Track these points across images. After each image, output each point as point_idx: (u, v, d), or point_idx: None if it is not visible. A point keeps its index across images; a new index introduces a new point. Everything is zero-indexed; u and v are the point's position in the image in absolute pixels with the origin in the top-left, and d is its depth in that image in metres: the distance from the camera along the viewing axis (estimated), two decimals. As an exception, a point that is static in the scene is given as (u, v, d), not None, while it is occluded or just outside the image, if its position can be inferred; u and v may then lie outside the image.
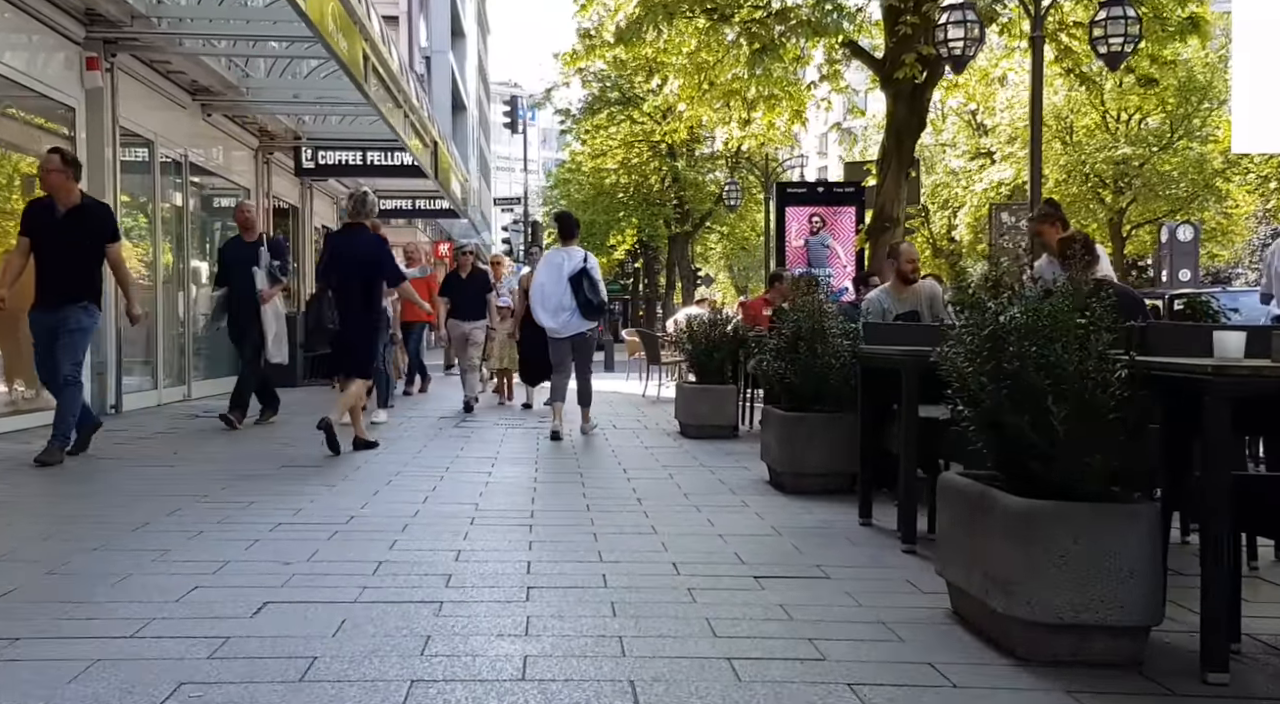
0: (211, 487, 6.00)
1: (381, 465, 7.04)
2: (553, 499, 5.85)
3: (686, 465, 7.32)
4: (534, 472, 6.90)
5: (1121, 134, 34.43)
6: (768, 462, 6.51)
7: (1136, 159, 33.40)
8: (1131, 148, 33.23)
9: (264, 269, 9.10)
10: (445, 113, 38.39)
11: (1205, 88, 34.55)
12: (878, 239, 14.59)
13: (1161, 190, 34.25)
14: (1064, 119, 35.82)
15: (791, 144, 28.53)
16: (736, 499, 5.89)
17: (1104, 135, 34.77)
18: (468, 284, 11.86)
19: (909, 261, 6.87)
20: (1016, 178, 34.56)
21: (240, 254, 9.29)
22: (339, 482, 6.32)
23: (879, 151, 15.34)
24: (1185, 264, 25.22)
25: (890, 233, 14.65)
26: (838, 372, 6.00)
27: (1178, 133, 34.57)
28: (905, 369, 4.49)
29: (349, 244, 7.72)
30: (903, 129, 14.52)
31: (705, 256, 49.09)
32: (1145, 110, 35.04)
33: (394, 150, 15.91)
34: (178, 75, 11.78)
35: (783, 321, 6.39)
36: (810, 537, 4.83)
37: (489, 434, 9.18)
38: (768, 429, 6.42)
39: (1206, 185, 34.30)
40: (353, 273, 7.55)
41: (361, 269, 7.55)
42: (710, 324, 9.27)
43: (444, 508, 5.48)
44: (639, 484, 6.39)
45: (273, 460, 7.21)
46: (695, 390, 9.26)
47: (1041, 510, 2.99)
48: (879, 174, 14.96)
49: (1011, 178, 34.49)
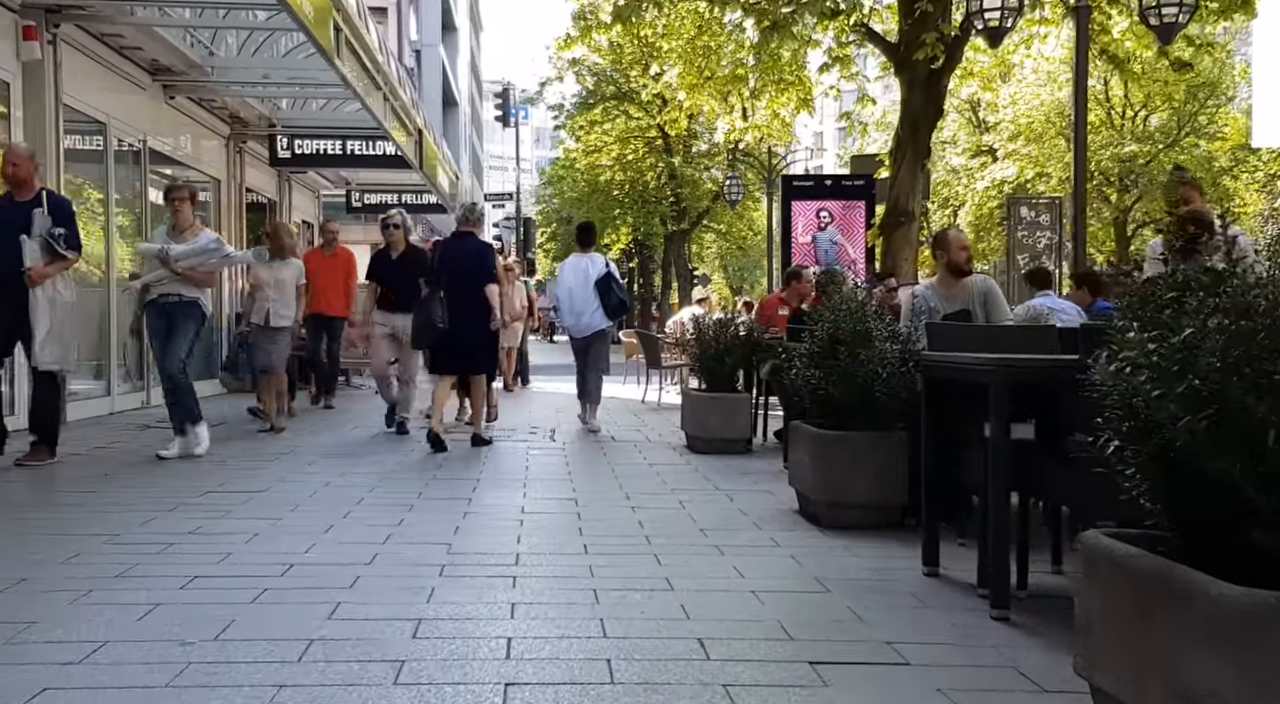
0: (129, 523, 4.97)
1: (342, 492, 6.02)
2: (543, 537, 4.84)
3: (699, 489, 6.31)
4: (521, 499, 5.89)
5: (1128, 131, 33.64)
6: (797, 487, 5.50)
7: (1143, 156, 32.61)
8: (1138, 145, 32.42)
9: (38, 237, 6.68)
10: (436, 108, 37.36)
11: (1213, 84, 33.80)
12: (891, 235, 13.70)
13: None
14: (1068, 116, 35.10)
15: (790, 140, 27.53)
16: (764, 536, 4.89)
17: (1109, 132, 34.02)
18: (399, 267, 8.77)
19: (961, 249, 5.85)
20: (1019, 175, 33.88)
21: (4, 218, 6.71)
22: (286, 513, 5.29)
23: (892, 141, 14.40)
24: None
25: (905, 228, 13.75)
26: (885, 382, 5.00)
27: (1184, 130, 33.77)
28: (995, 382, 3.49)
29: (460, 249, 8.34)
30: (918, 117, 13.61)
31: (701, 256, 48.08)
32: (1151, 107, 34.29)
33: (375, 139, 14.88)
34: (134, 52, 10.74)
35: (816, 321, 5.38)
36: (868, 594, 3.82)
37: (471, 450, 8.16)
38: (798, 449, 5.41)
39: (1213, 184, 33.57)
40: (462, 276, 8.07)
41: (470, 273, 8.10)
42: (720, 325, 8.26)
43: (408, 550, 4.46)
44: (646, 515, 5.38)
45: (218, 482, 6.19)
46: (704, 400, 8.25)
47: (1273, 607, 1.99)
48: (892, 165, 14.01)
49: (1014, 176, 33.80)
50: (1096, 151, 32.74)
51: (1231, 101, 35.33)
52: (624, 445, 8.54)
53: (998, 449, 3.50)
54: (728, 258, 52.82)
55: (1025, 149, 34.13)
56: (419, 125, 14.80)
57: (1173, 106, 33.74)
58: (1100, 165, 32.71)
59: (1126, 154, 32.27)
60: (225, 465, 6.97)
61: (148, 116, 11.48)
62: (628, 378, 15.70)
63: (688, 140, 36.40)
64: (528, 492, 6.13)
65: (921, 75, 13.29)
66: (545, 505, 5.70)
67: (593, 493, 6.10)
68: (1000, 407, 3.49)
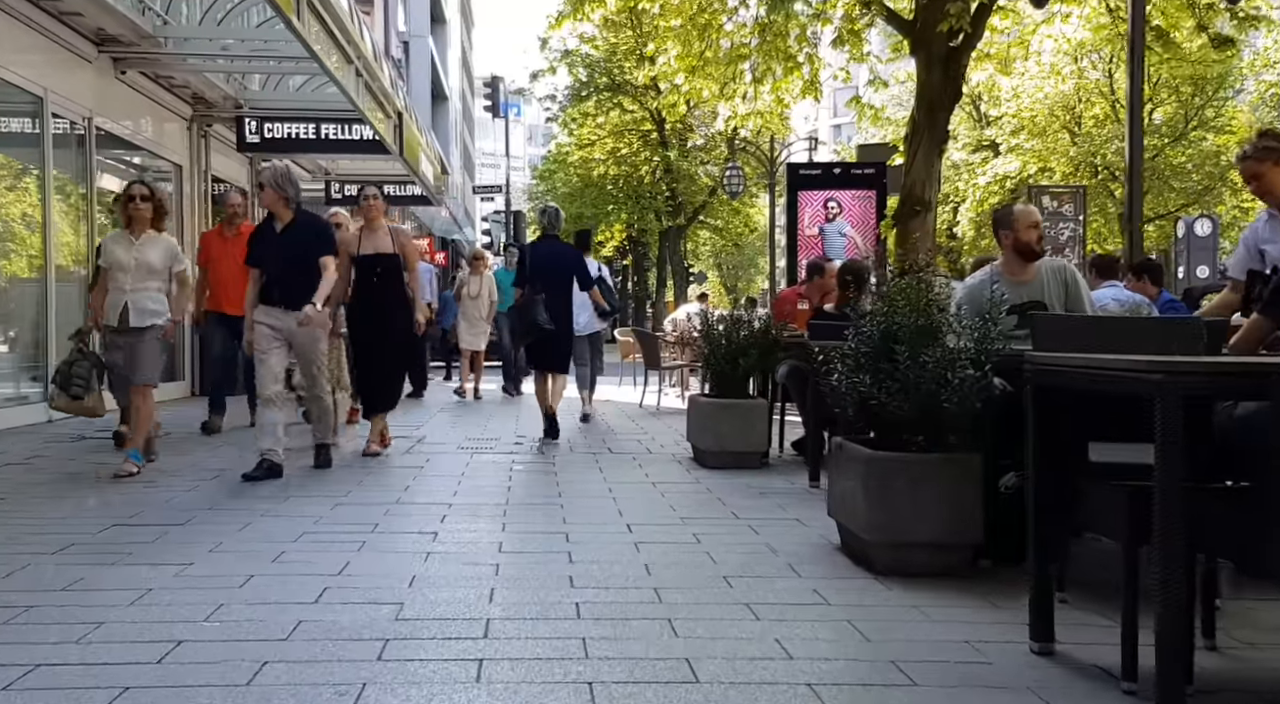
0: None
1: (281, 523, 4.94)
2: (523, 591, 3.77)
3: (714, 517, 5.25)
4: (499, 532, 4.82)
5: (1135, 124, 32.70)
6: (841, 520, 4.44)
7: (1149, 151, 31.83)
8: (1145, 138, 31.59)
9: None
10: (425, 102, 36.25)
11: (1221, 77, 33.05)
12: (907, 225, 12.70)
13: (1174, 183, 32.81)
14: (1072, 109, 34.34)
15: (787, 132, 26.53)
16: (804, 587, 3.83)
17: (1114, 125, 33.23)
18: (283, 243, 6.39)
19: (1031, 226, 4.79)
20: (1022, 170, 33.13)
21: None
22: (202, 555, 4.21)
23: (907, 126, 13.39)
24: (1203, 260, 24.01)
25: (921, 217, 12.77)
26: (957, 391, 3.94)
27: (1191, 124, 33.00)
28: (1163, 395, 2.43)
29: (550, 252, 8.75)
30: (935, 99, 12.62)
31: (696, 253, 47.02)
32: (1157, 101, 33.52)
33: (351, 122, 13.77)
34: (74, 18, 9.62)
35: (865, 317, 4.31)
36: (970, 692, 2.76)
37: (447, 463, 7.09)
38: (844, 473, 4.35)
39: (1221, 178, 32.81)
40: (553, 279, 8.44)
41: (562, 275, 8.56)
42: (734, 322, 7.19)
43: (345, 615, 3.39)
44: (653, 554, 4.32)
45: (131, 513, 5.11)
46: (714, 407, 7.17)
47: None
48: (907, 151, 13.00)
49: (1017, 171, 33.05)
50: (1101, 146, 32.00)
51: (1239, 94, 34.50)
52: (622, 458, 7.48)
53: (1169, 488, 2.45)
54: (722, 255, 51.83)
55: (1029, 143, 33.36)
56: (399, 108, 13.73)
57: (1179, 99, 32.94)
58: (1105, 159, 31.91)
59: (1133, 148, 31.30)
60: (155, 485, 5.89)
61: (94, 92, 10.37)
62: (623, 379, 14.64)
63: (683, 133, 35.41)
64: (508, 521, 5.06)
65: (940, 53, 12.37)
66: (528, 541, 4.63)
67: (587, 523, 5.03)
68: (1170, 428, 2.43)
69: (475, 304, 13.03)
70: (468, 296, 13.13)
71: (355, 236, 7.45)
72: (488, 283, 13.13)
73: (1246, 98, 34.32)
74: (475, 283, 13.17)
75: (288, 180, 6.42)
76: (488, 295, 12.99)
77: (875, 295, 4.39)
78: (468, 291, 13.18)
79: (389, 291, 7.34)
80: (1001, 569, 4.05)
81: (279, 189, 6.36)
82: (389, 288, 7.34)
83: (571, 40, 34.99)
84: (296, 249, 6.35)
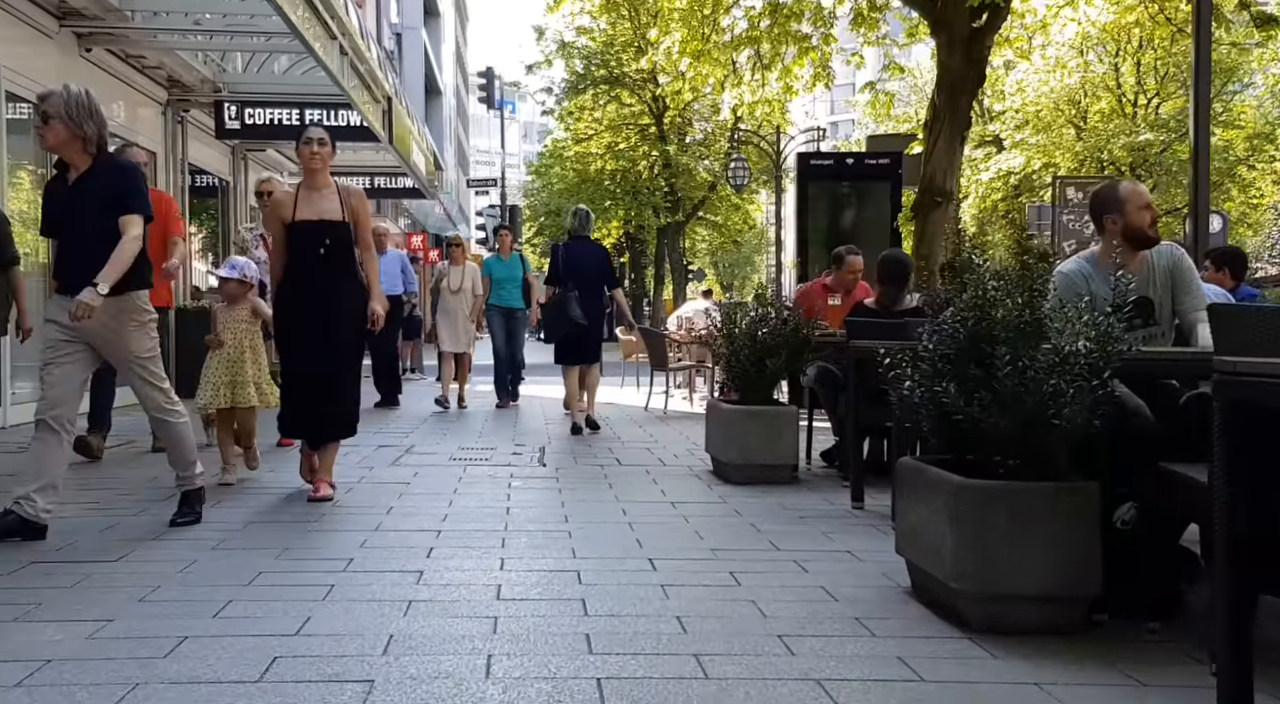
0: None
1: (229, 563, 4.13)
2: (528, 659, 2.95)
3: (751, 549, 4.44)
4: (497, 571, 4.01)
5: (1141, 118, 32.21)
6: (914, 560, 3.64)
7: (1156, 145, 31.19)
8: (1153, 133, 30.99)
9: None
10: (418, 95, 35.42)
11: (1231, 70, 32.41)
12: (927, 217, 11.96)
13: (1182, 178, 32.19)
14: (1078, 103, 33.74)
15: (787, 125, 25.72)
16: (885, 653, 3.02)
17: (1121, 120, 32.62)
18: (74, 201, 4.51)
19: (1144, 208, 3.98)
20: (1026, 166, 32.54)
21: None
22: (126, 607, 3.39)
23: (927, 112, 12.65)
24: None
25: (941, 209, 12.03)
26: (1074, 404, 3.14)
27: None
28: None
29: (582, 252, 9.21)
30: (957, 82, 11.89)
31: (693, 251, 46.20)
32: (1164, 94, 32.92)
33: (337, 107, 13.00)
34: (29, -13, 8.82)
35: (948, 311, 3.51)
36: None
37: (436, 478, 6.29)
38: (917, 503, 3.55)
39: (1229, 173, 32.20)
40: (585, 278, 8.96)
41: (593, 274, 9.09)
42: (759, 319, 6.39)
43: (300, 697, 2.59)
44: (687, 601, 3.52)
45: (56, 546, 4.29)
46: (740, 415, 6.34)
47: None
48: (927, 139, 12.26)
49: (1021, 166, 32.45)
50: (1108, 140, 31.37)
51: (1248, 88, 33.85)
52: (634, 471, 6.68)
53: None
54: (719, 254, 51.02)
55: (1033, 139, 32.75)
56: (387, 92, 12.92)
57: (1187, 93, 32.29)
58: (1112, 154, 31.26)
59: (1141, 142, 30.75)
60: (99, 507, 5.07)
61: (55, 71, 9.51)
62: (626, 380, 13.85)
63: (682, 127, 34.60)
64: (507, 555, 4.26)
65: (962, 34, 11.66)
66: (533, 585, 3.82)
67: (601, 557, 4.22)
68: None
69: (457, 300, 11.10)
70: (448, 291, 11.18)
71: (289, 197, 5.54)
72: (471, 274, 11.24)
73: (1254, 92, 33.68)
74: (456, 275, 11.20)
75: (85, 111, 4.38)
76: (471, 289, 11.11)
77: (956, 286, 3.58)
78: (448, 285, 11.19)
79: (338, 273, 5.43)
80: (1121, 624, 3.27)
81: (72, 123, 4.36)
82: (338, 268, 5.43)
83: (569, 33, 34.25)
84: (92, 207, 4.41)
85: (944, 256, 12.09)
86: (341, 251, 5.46)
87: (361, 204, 5.62)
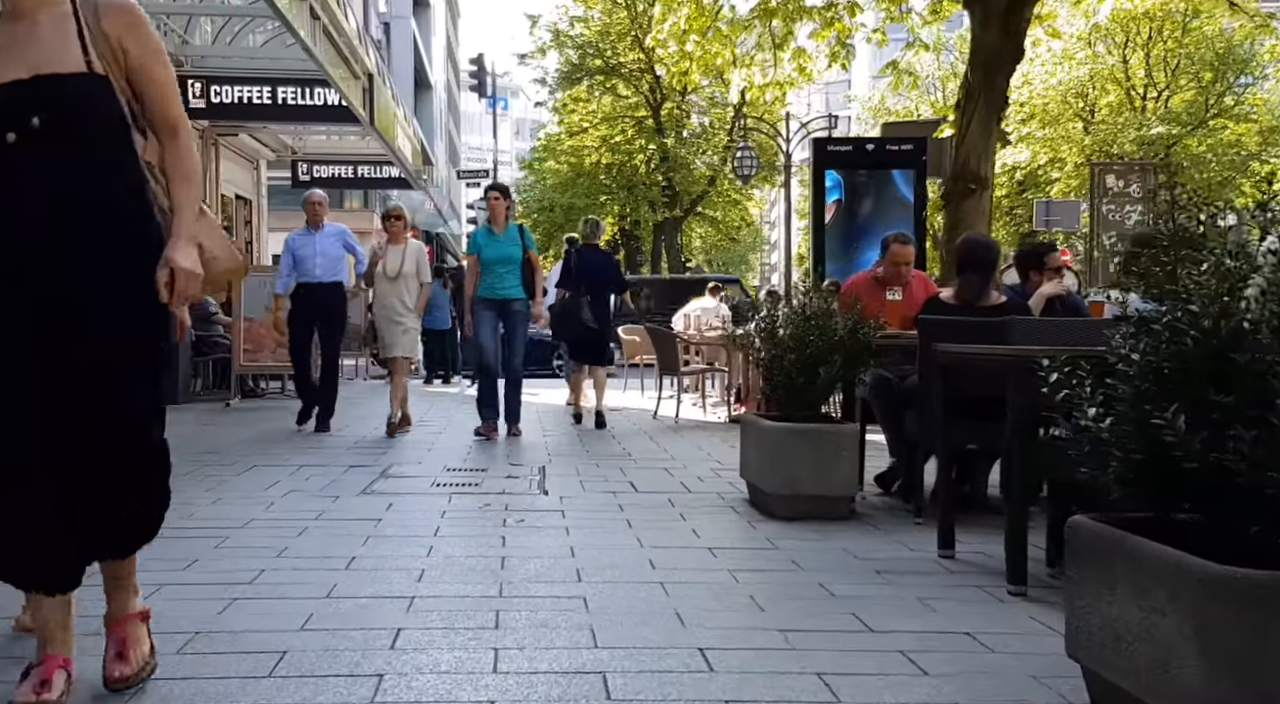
0: None
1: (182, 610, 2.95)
2: None
3: (837, 632, 3.25)
4: (490, 664, 2.83)
5: (1151, 111, 31.36)
6: (1104, 673, 2.47)
7: (1167, 139, 30.35)
8: (1163, 127, 30.14)
9: None
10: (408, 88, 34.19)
11: (1245, 61, 31.56)
12: (960, 206, 10.97)
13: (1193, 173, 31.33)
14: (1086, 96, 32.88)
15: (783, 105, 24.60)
16: None
17: (1130, 113, 31.75)
18: None
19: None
20: (1033, 160, 31.78)
21: None
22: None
23: (959, 92, 11.68)
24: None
25: (976, 196, 11.06)
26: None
27: (1211, 111, 31.53)
28: None
29: (593, 258, 9.47)
30: (993, 59, 10.99)
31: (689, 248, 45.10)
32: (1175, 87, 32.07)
33: (313, 84, 11.85)
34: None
35: (1169, 304, 2.35)
36: None
37: (415, 512, 5.12)
38: (1104, 587, 2.38)
39: (1241, 168, 31.41)
40: (596, 284, 9.26)
41: (603, 280, 9.40)
42: (805, 317, 5.22)
43: None
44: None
45: None
46: (788, 434, 5.13)
47: None
48: (959, 121, 11.25)
49: (1027, 161, 31.68)
50: (1117, 134, 30.54)
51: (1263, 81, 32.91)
52: (654, 501, 5.50)
53: None
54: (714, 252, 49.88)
55: (1040, 132, 31.92)
56: (368, 68, 11.76)
57: (1199, 85, 31.43)
58: (1123, 148, 30.40)
59: (1152, 136, 29.87)
60: None
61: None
62: (629, 385, 12.70)
63: (680, 120, 33.47)
64: (503, 638, 3.08)
65: (999, 6, 10.71)
66: (540, 690, 2.65)
67: (632, 644, 3.04)
68: None
69: (395, 288, 8.61)
70: (384, 276, 8.64)
71: None
72: (415, 255, 8.74)
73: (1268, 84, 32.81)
74: (395, 255, 8.65)
75: None
76: (416, 273, 8.69)
77: (1166, 273, 2.42)
78: (384, 269, 8.63)
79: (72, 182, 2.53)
80: None
81: None
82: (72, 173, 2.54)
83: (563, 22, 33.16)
84: None
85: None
86: (77, 137, 2.54)
87: (135, 31, 2.60)
